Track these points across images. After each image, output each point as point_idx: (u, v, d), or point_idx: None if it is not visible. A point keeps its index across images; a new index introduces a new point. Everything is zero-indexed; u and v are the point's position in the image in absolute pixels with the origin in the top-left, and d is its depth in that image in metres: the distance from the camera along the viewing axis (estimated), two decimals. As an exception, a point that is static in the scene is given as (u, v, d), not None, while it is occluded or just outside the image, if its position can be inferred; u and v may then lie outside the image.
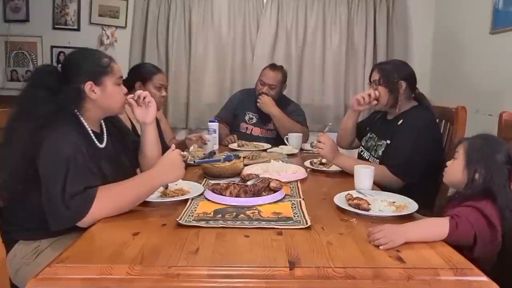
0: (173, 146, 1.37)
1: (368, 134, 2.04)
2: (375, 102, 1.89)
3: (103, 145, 1.39)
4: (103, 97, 1.34)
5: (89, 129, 1.35)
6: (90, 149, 1.29)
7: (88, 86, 1.31)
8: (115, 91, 1.37)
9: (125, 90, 1.42)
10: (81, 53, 1.41)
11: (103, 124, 1.46)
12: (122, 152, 1.52)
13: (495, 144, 1.25)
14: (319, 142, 1.76)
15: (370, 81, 1.96)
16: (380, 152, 1.86)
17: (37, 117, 1.22)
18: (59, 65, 1.39)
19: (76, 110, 1.33)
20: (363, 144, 2.05)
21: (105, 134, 1.44)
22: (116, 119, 1.58)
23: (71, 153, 1.18)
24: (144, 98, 1.49)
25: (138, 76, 2.16)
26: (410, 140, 1.73)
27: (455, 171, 1.28)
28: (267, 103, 2.61)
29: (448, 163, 1.33)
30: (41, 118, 1.22)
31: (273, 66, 2.73)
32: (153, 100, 1.51)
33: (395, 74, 1.86)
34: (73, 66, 1.35)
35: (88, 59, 1.36)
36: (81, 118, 1.33)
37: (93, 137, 1.35)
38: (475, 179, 1.21)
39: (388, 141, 1.84)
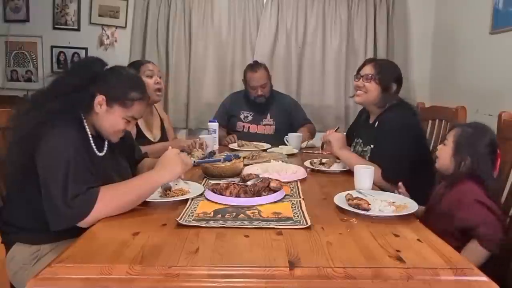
0: (169, 146, 1.38)
1: (355, 140, 2.04)
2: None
3: (102, 154, 1.37)
4: (103, 117, 1.32)
5: (89, 134, 1.33)
6: (88, 154, 1.29)
7: (99, 98, 1.29)
8: (115, 122, 1.34)
9: (130, 128, 1.39)
10: (124, 71, 1.39)
11: None
12: (122, 162, 1.51)
13: (481, 134, 1.38)
14: (330, 132, 1.86)
15: (358, 74, 1.91)
16: (367, 158, 1.85)
17: (47, 111, 1.22)
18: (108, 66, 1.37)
19: (82, 114, 1.32)
20: (351, 150, 2.05)
21: (106, 143, 1.41)
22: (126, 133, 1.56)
23: (71, 154, 1.18)
24: None
25: None
26: (389, 142, 1.73)
27: (444, 157, 1.42)
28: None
29: (438, 147, 1.48)
30: (48, 113, 1.22)
31: (252, 68, 2.73)
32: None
33: (390, 74, 1.86)
34: (108, 75, 1.33)
35: (123, 80, 1.34)
36: (85, 123, 1.32)
37: (93, 144, 1.33)
38: (461, 167, 1.36)
39: (372, 146, 1.85)
